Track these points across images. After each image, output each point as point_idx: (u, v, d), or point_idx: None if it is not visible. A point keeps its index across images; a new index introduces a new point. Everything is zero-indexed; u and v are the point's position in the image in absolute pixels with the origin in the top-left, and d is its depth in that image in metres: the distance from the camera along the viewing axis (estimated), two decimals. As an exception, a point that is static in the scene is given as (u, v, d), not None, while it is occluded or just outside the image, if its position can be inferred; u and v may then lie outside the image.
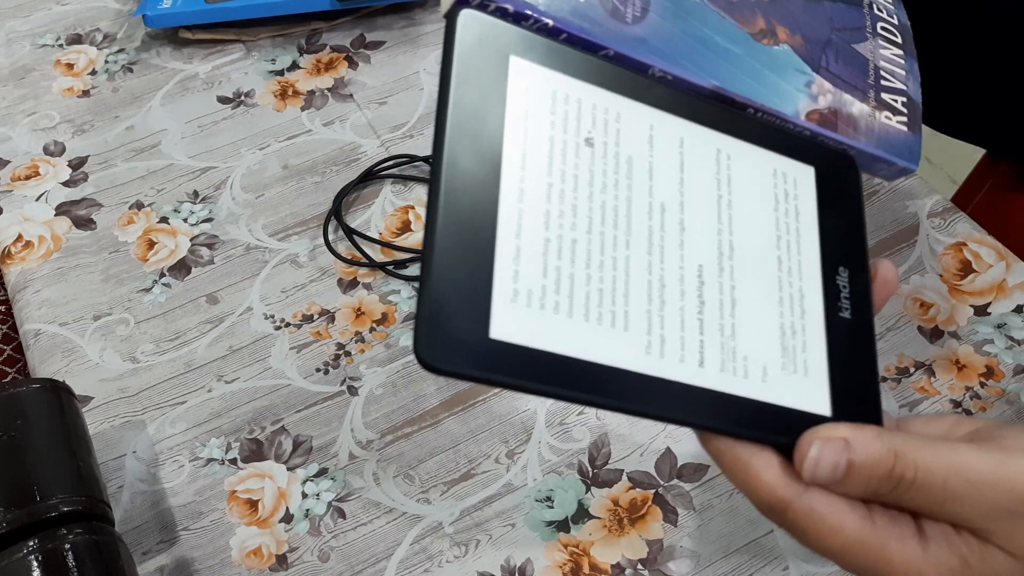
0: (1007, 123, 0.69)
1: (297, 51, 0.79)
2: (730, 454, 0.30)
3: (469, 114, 0.28)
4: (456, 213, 0.27)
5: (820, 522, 0.30)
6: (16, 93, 0.77)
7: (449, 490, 0.53)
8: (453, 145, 0.27)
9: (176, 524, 0.52)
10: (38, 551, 0.43)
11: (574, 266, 0.28)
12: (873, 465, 0.29)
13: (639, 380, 0.28)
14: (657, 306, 0.30)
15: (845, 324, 0.33)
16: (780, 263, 0.33)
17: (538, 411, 0.56)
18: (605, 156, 0.30)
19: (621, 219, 0.30)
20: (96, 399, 0.57)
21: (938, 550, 0.30)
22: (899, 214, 0.65)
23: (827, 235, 0.35)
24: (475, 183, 0.27)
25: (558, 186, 0.29)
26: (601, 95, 0.31)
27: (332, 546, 0.51)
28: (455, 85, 0.28)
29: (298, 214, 0.67)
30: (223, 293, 0.63)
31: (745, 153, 0.34)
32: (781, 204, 0.34)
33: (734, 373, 0.30)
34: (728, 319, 0.31)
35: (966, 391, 0.57)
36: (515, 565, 0.50)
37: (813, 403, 0.32)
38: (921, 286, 0.61)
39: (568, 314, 0.28)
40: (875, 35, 0.42)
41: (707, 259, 0.31)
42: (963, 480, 0.29)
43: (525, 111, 0.29)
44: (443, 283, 0.26)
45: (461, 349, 0.26)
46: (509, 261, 0.27)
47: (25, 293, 0.63)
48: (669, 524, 0.52)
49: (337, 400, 0.57)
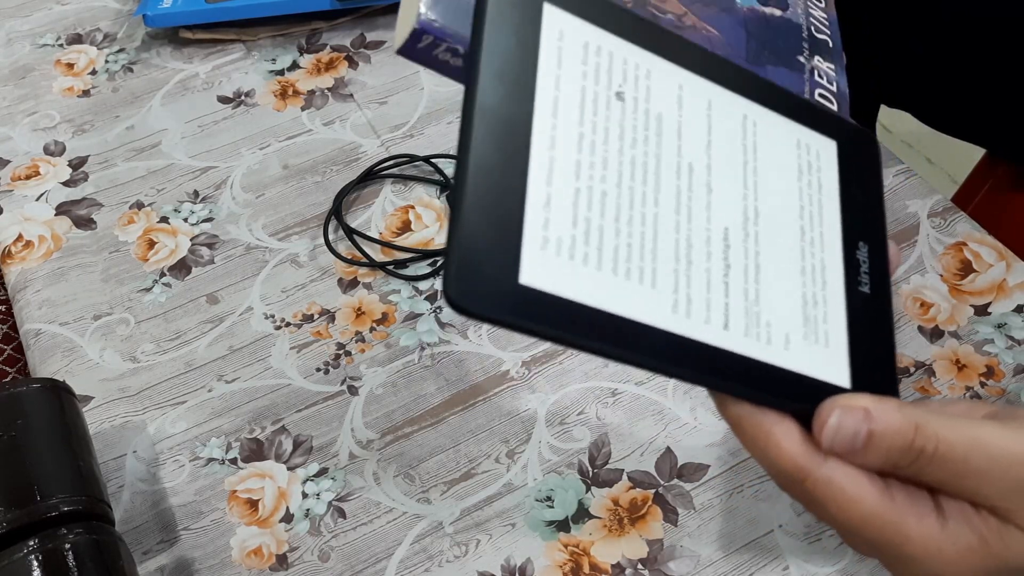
0: (1003, 122, 0.69)
1: (297, 51, 0.79)
2: (751, 420, 0.30)
3: (502, 58, 0.28)
4: (487, 156, 0.27)
5: (839, 493, 0.29)
6: (16, 93, 0.77)
7: (449, 490, 0.53)
8: (485, 87, 0.27)
9: (176, 524, 0.52)
10: (38, 551, 0.43)
11: (603, 218, 0.28)
12: (893, 435, 0.29)
13: (664, 337, 0.28)
14: (684, 265, 0.29)
15: (864, 298, 0.34)
16: (803, 233, 0.33)
17: (538, 411, 0.56)
18: (636, 111, 0.30)
19: (650, 176, 0.30)
20: (96, 399, 0.57)
21: (956, 527, 0.30)
22: (899, 214, 0.65)
23: (848, 209, 0.35)
24: (507, 128, 0.27)
25: (589, 137, 0.29)
26: (632, 50, 0.31)
27: (332, 546, 0.51)
28: (488, 29, 0.28)
29: (298, 214, 0.67)
30: (223, 293, 0.63)
31: (771, 121, 0.34)
32: (804, 175, 0.34)
33: (758, 338, 0.30)
34: (753, 284, 0.31)
35: (966, 391, 0.57)
36: (515, 565, 0.50)
37: (833, 374, 0.32)
38: (921, 286, 0.61)
39: (597, 266, 0.27)
40: None
41: (733, 223, 0.31)
42: (985, 456, 0.29)
43: (558, 59, 0.29)
44: (474, 226, 0.26)
45: (490, 293, 0.26)
46: (540, 208, 0.27)
47: (25, 293, 0.63)
48: (669, 524, 0.52)
49: (337, 400, 0.57)
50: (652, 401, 0.56)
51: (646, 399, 0.56)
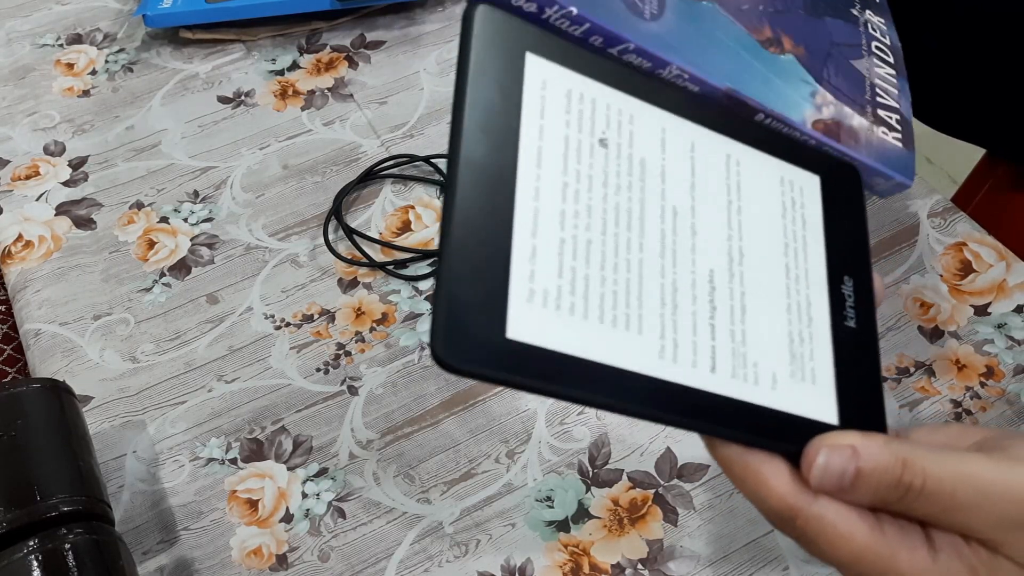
0: (1003, 122, 0.69)
1: (297, 51, 0.79)
2: (740, 462, 0.30)
3: (485, 110, 0.28)
4: (472, 210, 0.26)
5: (831, 529, 0.30)
6: (16, 93, 0.77)
7: (449, 490, 0.53)
8: (470, 141, 0.27)
9: (176, 524, 0.52)
10: (38, 551, 0.43)
11: (589, 267, 0.28)
12: (882, 473, 0.29)
13: (652, 384, 0.28)
14: (670, 310, 0.29)
15: (850, 333, 0.33)
16: (788, 271, 0.33)
17: (538, 411, 0.56)
18: (619, 157, 0.30)
19: (635, 221, 0.30)
20: (96, 399, 0.57)
21: (948, 560, 0.30)
22: (899, 214, 0.65)
23: (832, 244, 0.35)
24: (491, 180, 0.27)
25: (573, 186, 0.29)
26: (614, 96, 0.31)
27: (332, 546, 0.51)
28: (472, 81, 0.28)
29: (298, 214, 0.67)
30: (223, 293, 0.63)
31: (753, 159, 0.34)
32: (788, 212, 0.34)
33: (745, 379, 0.30)
34: (739, 325, 0.31)
35: (966, 391, 0.57)
36: (515, 565, 0.50)
37: (821, 411, 0.32)
38: (921, 286, 0.61)
39: (584, 315, 0.27)
40: (870, 53, 0.43)
41: (718, 264, 0.31)
42: (972, 489, 0.29)
43: (541, 109, 0.29)
44: (460, 281, 0.26)
45: (478, 349, 0.25)
46: (526, 260, 0.27)
47: (25, 293, 0.63)
48: (669, 524, 0.52)
49: (337, 400, 0.57)
50: (652, 401, 0.56)
51: (646, 399, 0.56)
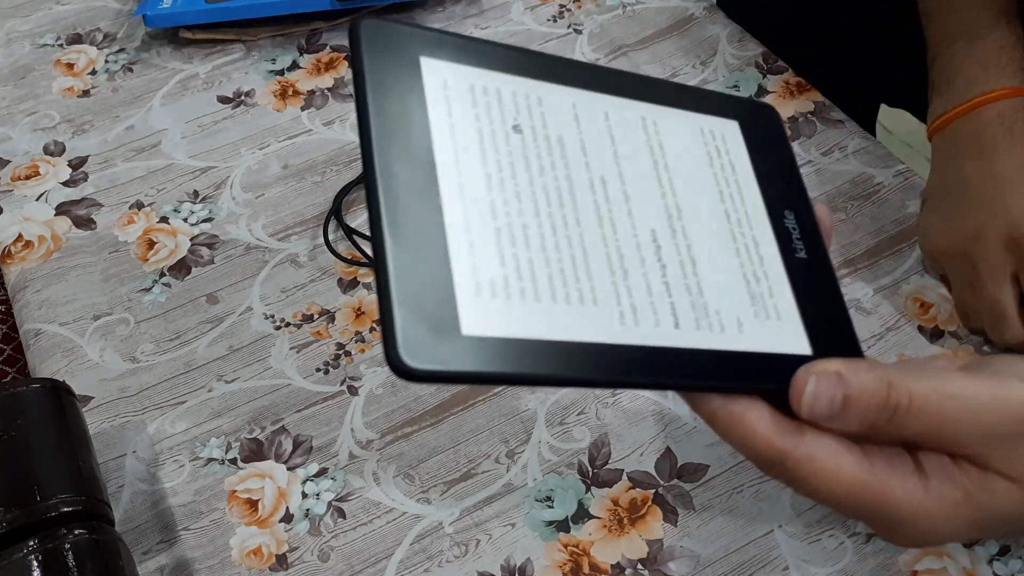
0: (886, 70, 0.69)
1: (297, 51, 0.79)
2: (723, 412, 0.30)
3: (392, 122, 0.28)
4: (401, 222, 0.26)
5: (820, 466, 0.30)
6: (16, 93, 0.77)
7: (449, 490, 0.53)
8: (383, 155, 0.27)
9: (176, 524, 0.52)
10: (38, 551, 0.43)
11: (530, 250, 0.28)
12: (870, 396, 0.30)
13: (620, 352, 0.28)
14: (620, 276, 0.30)
15: (803, 263, 0.34)
16: (728, 216, 0.33)
17: (538, 411, 0.56)
18: (536, 140, 0.30)
19: (566, 198, 0.30)
20: (96, 399, 0.57)
21: (939, 485, 0.30)
22: (899, 214, 0.65)
23: (765, 183, 0.35)
24: (414, 188, 0.27)
25: (496, 175, 0.29)
26: (518, 82, 0.31)
27: (332, 546, 0.51)
28: (372, 97, 0.28)
29: (298, 214, 0.67)
30: (223, 293, 0.63)
31: (669, 117, 0.34)
32: (715, 160, 0.35)
33: (711, 328, 0.30)
34: (692, 277, 0.31)
35: (966, 391, 0.57)
36: (515, 565, 0.50)
37: (793, 344, 0.32)
38: (921, 286, 0.61)
39: (535, 298, 0.27)
40: None
41: (658, 223, 0.32)
42: (958, 404, 0.30)
43: (448, 109, 0.29)
44: (405, 293, 0.26)
45: (437, 352, 0.25)
46: (464, 256, 0.27)
47: (25, 293, 0.63)
48: (669, 524, 0.52)
49: (337, 400, 0.57)
50: (652, 401, 0.56)
51: (646, 399, 0.56)
